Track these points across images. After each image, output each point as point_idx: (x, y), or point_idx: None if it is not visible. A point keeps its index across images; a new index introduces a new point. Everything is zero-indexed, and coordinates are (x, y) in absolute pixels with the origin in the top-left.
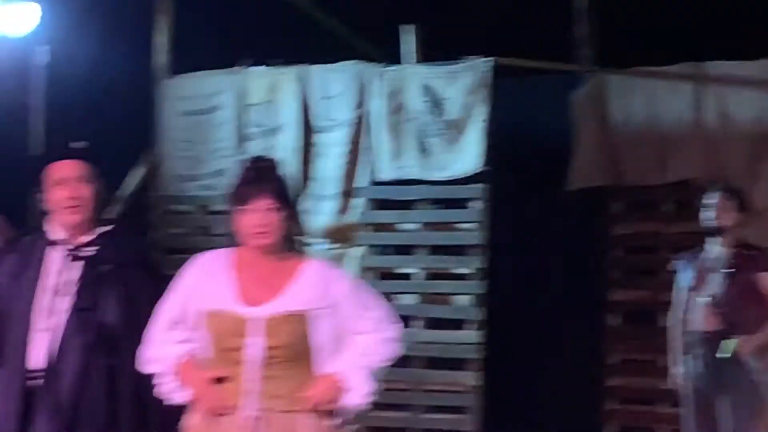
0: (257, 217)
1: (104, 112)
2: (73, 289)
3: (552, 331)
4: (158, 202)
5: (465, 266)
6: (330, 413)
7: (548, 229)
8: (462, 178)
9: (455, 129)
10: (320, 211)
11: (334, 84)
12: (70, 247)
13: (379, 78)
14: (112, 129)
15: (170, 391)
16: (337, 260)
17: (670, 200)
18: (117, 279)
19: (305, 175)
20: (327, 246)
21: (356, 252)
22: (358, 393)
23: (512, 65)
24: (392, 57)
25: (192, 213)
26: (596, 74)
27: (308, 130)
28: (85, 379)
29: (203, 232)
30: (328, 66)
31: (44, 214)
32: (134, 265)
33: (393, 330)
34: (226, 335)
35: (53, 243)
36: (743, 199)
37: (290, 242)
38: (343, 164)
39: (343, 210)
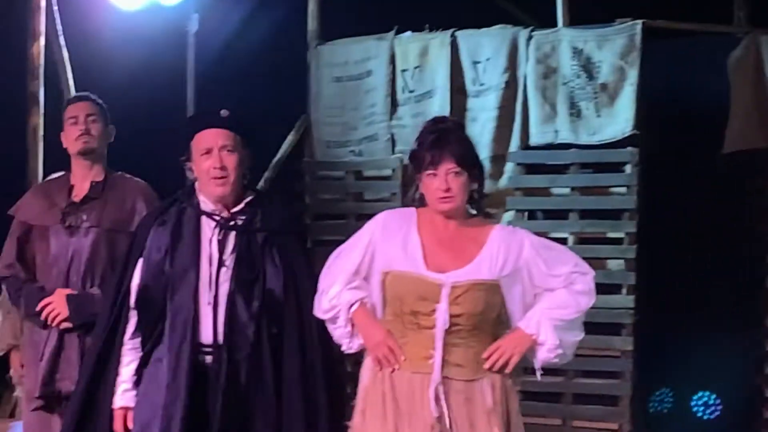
0: (440, 182)
1: (255, 80)
2: (232, 259)
3: (706, 294)
4: (309, 169)
5: (616, 230)
6: (511, 374)
7: (701, 192)
8: (613, 142)
9: (606, 92)
10: None
11: (485, 48)
12: (224, 216)
13: (529, 41)
14: (262, 96)
15: (342, 337)
16: None
17: None
18: (272, 247)
19: None
20: None
21: (506, 217)
22: (547, 347)
23: (664, 27)
24: (542, 20)
25: (343, 179)
26: (750, 35)
27: (459, 94)
28: (256, 352)
29: (354, 197)
30: (479, 30)
31: (193, 183)
32: (287, 233)
33: (583, 282)
34: (411, 299)
35: (205, 213)
36: None
37: (476, 206)
38: (494, 129)
39: (495, 175)
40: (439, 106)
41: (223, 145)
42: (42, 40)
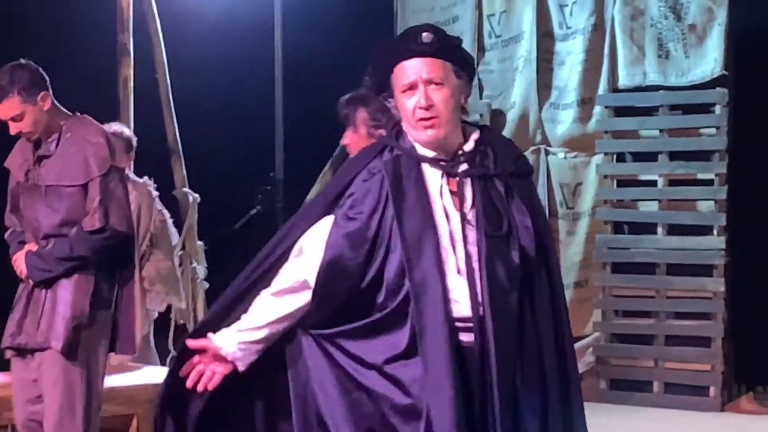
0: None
1: (341, 28)
2: (473, 214)
3: None
4: None
5: (707, 172)
6: None
7: None
8: (702, 83)
9: (695, 33)
10: (560, 120)
11: None
12: (453, 161)
13: None
14: (349, 45)
15: None
16: (578, 168)
17: None
18: (513, 194)
19: (545, 84)
20: (567, 154)
21: (596, 160)
22: None
23: None
24: None
25: None
26: None
27: (546, 38)
28: (522, 324)
29: None
30: None
31: (399, 123)
32: (524, 176)
33: None
34: None
35: (429, 160)
36: None
37: None
38: (582, 72)
39: (583, 118)
40: (527, 50)
41: (428, 78)
42: None
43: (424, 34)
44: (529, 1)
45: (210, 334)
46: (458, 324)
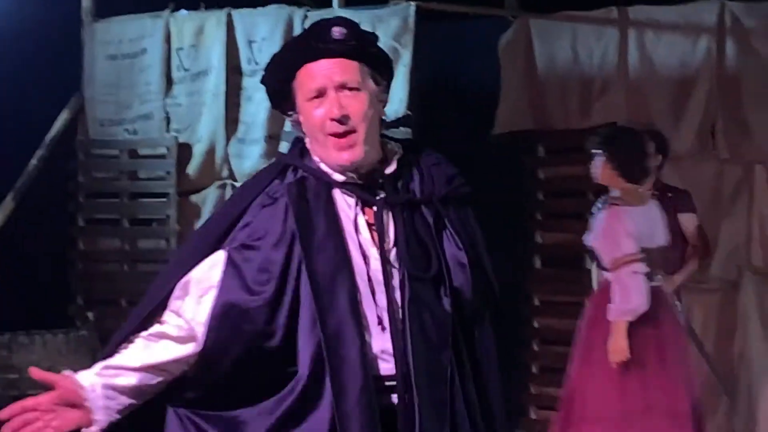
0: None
1: (29, 57)
2: (395, 251)
3: None
4: (83, 147)
5: None
6: None
7: (474, 172)
8: (388, 122)
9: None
10: (247, 155)
11: (261, 27)
12: (365, 187)
13: (304, 21)
14: (36, 74)
15: None
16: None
17: None
18: (442, 224)
19: (232, 119)
20: None
21: None
22: None
23: (437, 9)
24: (318, 0)
25: (117, 157)
26: (520, 18)
27: (235, 73)
28: (453, 384)
29: (129, 176)
30: (254, 9)
31: (301, 141)
32: (460, 200)
33: None
34: None
35: (337, 184)
36: (663, 143)
37: None
38: (269, 108)
39: (270, 153)
40: (215, 84)
41: (341, 82)
42: None
43: (335, 29)
44: (218, 36)
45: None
46: (386, 383)
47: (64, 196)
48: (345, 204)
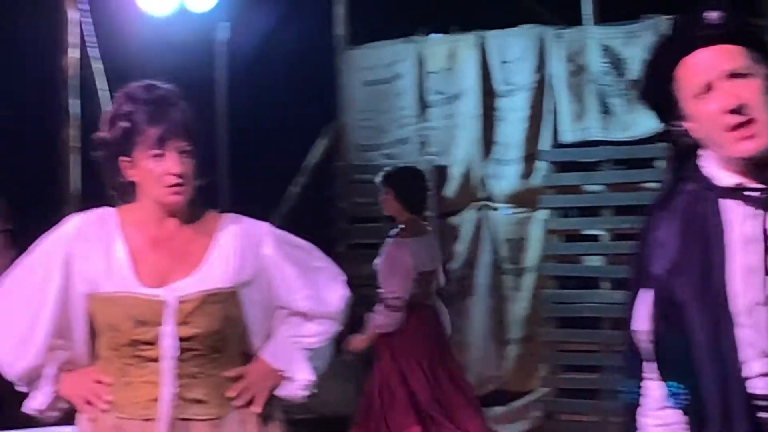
0: (170, 164)
1: (286, 86)
2: None
3: None
4: (343, 172)
5: None
6: (265, 410)
7: None
8: (645, 138)
9: (636, 88)
10: (504, 176)
11: (513, 48)
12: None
13: (557, 40)
14: (294, 101)
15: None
16: (522, 224)
17: None
18: None
19: (488, 141)
20: (511, 210)
21: (541, 215)
22: (299, 383)
23: None
24: (570, 19)
25: (375, 182)
26: None
27: (489, 95)
28: None
29: None
30: (507, 30)
31: (692, 147)
32: None
33: (334, 302)
34: (126, 325)
35: (729, 191)
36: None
37: (196, 193)
38: (525, 128)
39: (527, 174)
40: (470, 107)
41: (729, 71)
42: (75, 52)
43: (708, 13)
44: (471, 58)
45: None
46: (757, 398)
47: (324, 222)
48: (733, 211)
